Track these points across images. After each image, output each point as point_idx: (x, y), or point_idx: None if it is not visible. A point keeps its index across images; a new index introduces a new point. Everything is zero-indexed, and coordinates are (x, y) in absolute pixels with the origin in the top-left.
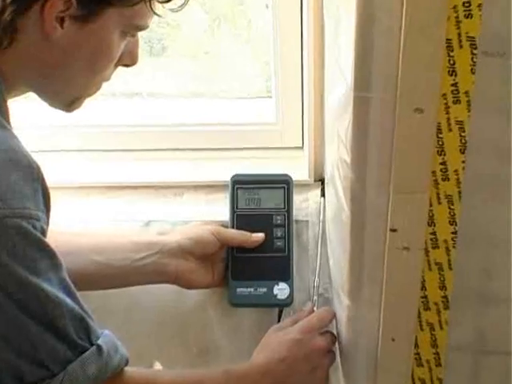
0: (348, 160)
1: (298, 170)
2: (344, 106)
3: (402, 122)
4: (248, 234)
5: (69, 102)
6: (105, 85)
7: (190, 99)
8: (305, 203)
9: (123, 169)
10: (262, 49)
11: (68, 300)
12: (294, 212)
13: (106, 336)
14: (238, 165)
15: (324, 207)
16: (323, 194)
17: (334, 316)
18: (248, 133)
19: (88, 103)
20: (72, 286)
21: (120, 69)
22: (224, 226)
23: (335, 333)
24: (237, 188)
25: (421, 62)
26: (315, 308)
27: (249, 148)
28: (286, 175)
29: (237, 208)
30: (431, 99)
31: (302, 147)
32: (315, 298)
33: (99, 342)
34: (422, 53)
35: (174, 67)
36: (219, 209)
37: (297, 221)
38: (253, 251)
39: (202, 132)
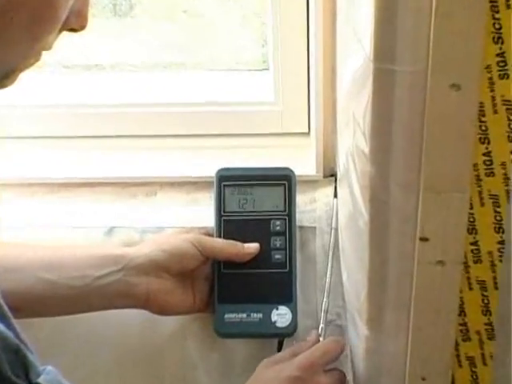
0: (366, 150)
1: (303, 162)
2: (361, 82)
3: (435, 101)
4: (239, 244)
5: (1, 76)
6: (56, 54)
7: (164, 72)
8: (311, 205)
9: (80, 160)
10: (256, 6)
11: (0, 326)
12: (298, 216)
13: (48, 373)
14: (226, 156)
15: (336, 210)
16: (335, 194)
17: (344, 348)
18: (239, 115)
19: (30, 78)
20: (6, 309)
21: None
22: (208, 234)
23: (348, 370)
24: (224, 186)
25: (458, 25)
26: (321, 338)
27: (240, 134)
28: (286, 169)
29: (224, 211)
30: (471, 73)
31: (307, 133)
32: (322, 325)
33: (40, 380)
34: (461, 14)
35: (144, 31)
36: (202, 212)
37: (301, 227)
38: (245, 267)
39: (180, 114)
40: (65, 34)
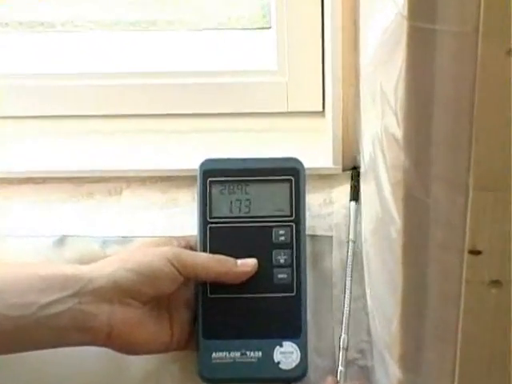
0: (399, 135)
1: (316, 150)
2: (392, 45)
3: (487, 71)
4: (230, 260)
5: None
6: None
7: (133, 32)
8: (327, 207)
9: (21, 149)
10: None
11: None
12: (308, 223)
13: None
14: (214, 143)
15: (359, 214)
16: (354, 196)
17: None
18: (230, 89)
19: None
20: None
21: None
22: (190, 246)
23: None
24: (210, 182)
25: None
26: None
27: (232, 114)
28: (293, 160)
29: (211, 216)
30: None
31: (321, 112)
32: (341, 368)
33: None
34: None
35: None
36: (182, 217)
37: (313, 237)
38: (238, 290)
39: (154, 87)
40: None
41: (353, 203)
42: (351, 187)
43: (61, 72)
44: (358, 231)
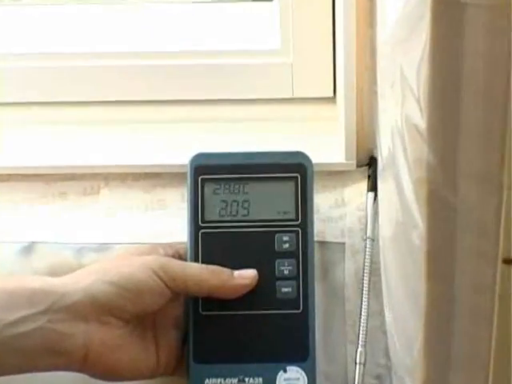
0: (422, 125)
1: (326, 143)
2: (414, 20)
3: None
4: (226, 271)
5: None
6: None
7: (111, 4)
8: (338, 209)
9: None
10: None
11: None
12: (317, 227)
13: None
14: (207, 134)
15: (376, 217)
16: (375, 182)
17: None
18: (226, 71)
19: None
20: None
21: None
22: (179, 255)
23: None
24: (203, 180)
25: None
26: None
27: (228, 101)
28: (299, 155)
29: (203, 220)
30: None
31: (332, 98)
32: None
33: None
34: None
35: None
36: (169, 221)
37: (322, 244)
38: (235, 307)
39: (138, 69)
40: None
41: (370, 194)
42: (368, 176)
43: (25, 52)
44: (377, 229)
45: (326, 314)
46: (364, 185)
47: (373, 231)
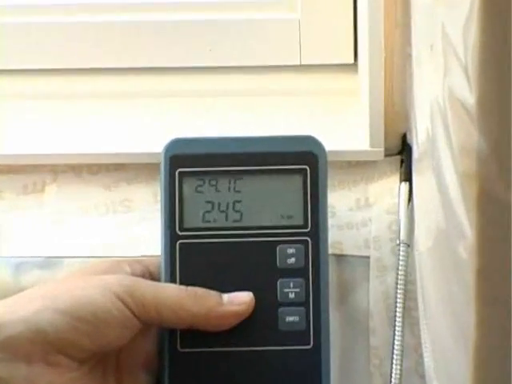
0: (471, 101)
1: (344, 125)
2: None
3: None
4: (212, 295)
5: None
6: None
7: None
8: (361, 212)
9: None
10: None
11: None
12: (333, 236)
13: None
14: (191, 113)
15: (411, 220)
16: (409, 170)
17: None
18: (218, 31)
19: None
20: None
21: None
22: (150, 274)
23: None
24: (181, 175)
25: None
26: None
27: (217, 69)
28: (308, 140)
29: (182, 227)
30: None
31: (353, 65)
32: None
33: None
34: None
35: None
36: (137, 227)
37: (339, 258)
38: (224, 341)
39: (99, 27)
40: None
41: (404, 185)
42: (401, 162)
43: None
44: (413, 233)
45: (344, 351)
46: (394, 180)
47: (408, 235)
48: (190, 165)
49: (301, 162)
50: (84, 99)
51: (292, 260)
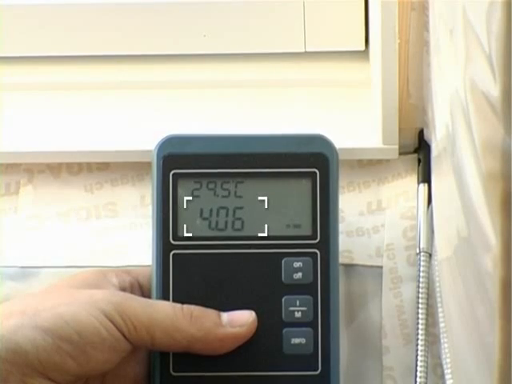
0: (495, 93)
1: (355, 120)
2: None
3: None
4: (210, 314)
5: None
6: None
7: None
8: (373, 217)
9: None
10: None
11: None
12: (343, 244)
13: None
14: (187, 106)
15: (431, 226)
16: (428, 170)
17: None
18: (211, 16)
19: None
20: None
21: None
22: (140, 288)
23: None
24: (175, 177)
25: None
26: None
27: (213, 56)
28: (317, 140)
29: (176, 236)
30: None
31: (364, 52)
32: None
33: None
34: None
35: None
36: (125, 235)
37: (349, 268)
38: (223, 365)
39: (85, 11)
40: None
41: (422, 187)
42: (418, 161)
43: None
44: (432, 240)
45: (355, 375)
46: (410, 181)
47: (429, 243)
48: (185, 166)
49: (309, 165)
50: (64, 90)
51: (299, 275)
